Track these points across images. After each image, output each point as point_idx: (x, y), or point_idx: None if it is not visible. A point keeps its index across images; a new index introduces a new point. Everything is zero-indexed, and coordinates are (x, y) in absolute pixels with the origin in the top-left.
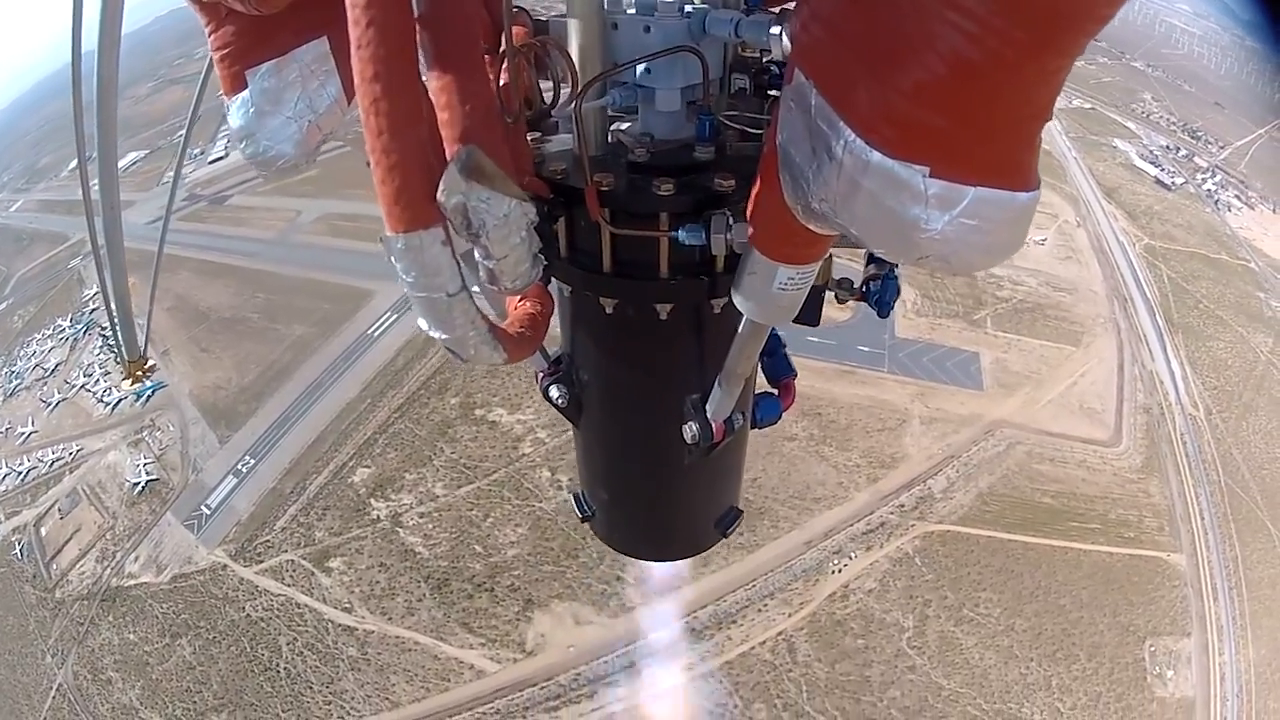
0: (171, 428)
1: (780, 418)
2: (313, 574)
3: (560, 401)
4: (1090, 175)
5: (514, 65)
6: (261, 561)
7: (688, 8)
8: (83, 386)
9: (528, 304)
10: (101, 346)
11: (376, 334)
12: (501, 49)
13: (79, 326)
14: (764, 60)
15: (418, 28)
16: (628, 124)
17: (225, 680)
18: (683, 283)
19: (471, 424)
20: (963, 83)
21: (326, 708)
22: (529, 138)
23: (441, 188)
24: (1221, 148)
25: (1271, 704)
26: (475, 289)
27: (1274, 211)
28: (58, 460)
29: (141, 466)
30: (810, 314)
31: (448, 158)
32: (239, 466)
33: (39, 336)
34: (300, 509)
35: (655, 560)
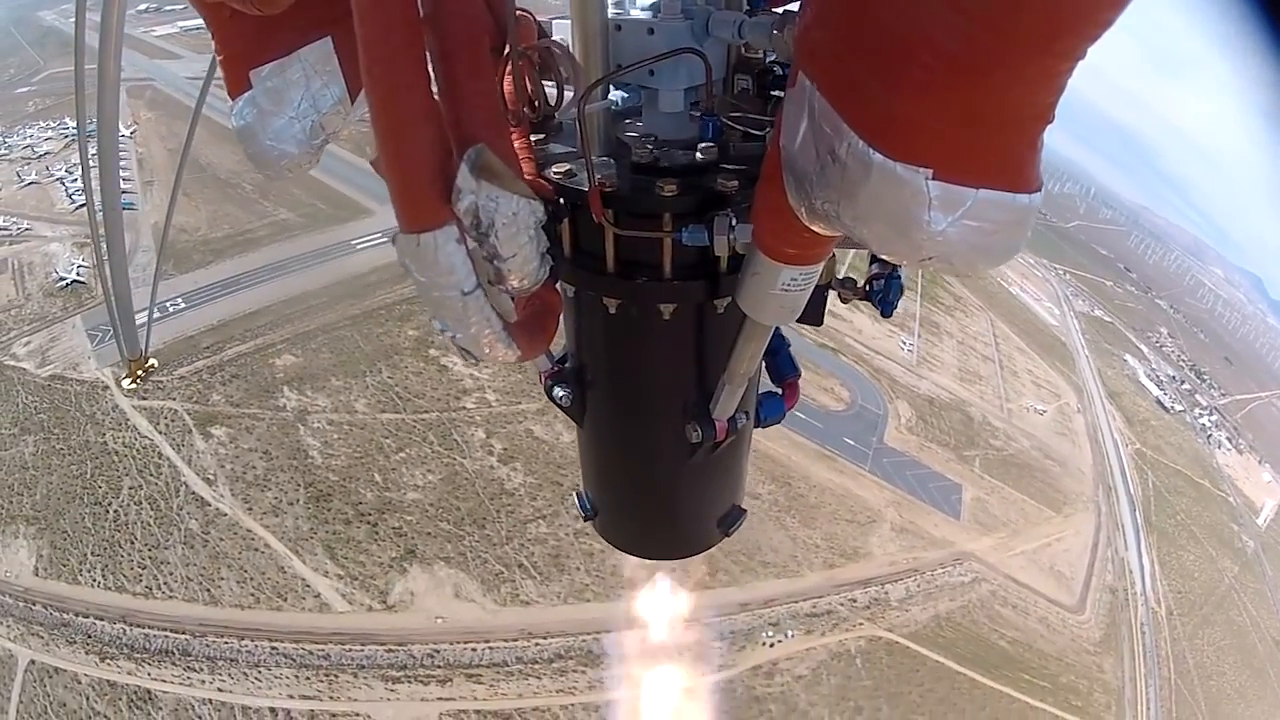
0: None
1: (784, 417)
2: (190, 432)
3: (564, 401)
4: (1098, 374)
5: (517, 67)
6: (145, 399)
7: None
8: (59, 179)
9: (538, 302)
10: (94, 155)
11: (359, 246)
12: (505, 51)
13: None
14: (767, 61)
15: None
16: (632, 125)
17: (51, 495)
18: (686, 283)
19: (421, 360)
20: (964, 85)
21: (139, 570)
22: (533, 139)
23: (455, 188)
24: (1223, 395)
25: None
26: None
27: (1259, 463)
28: (3, 229)
29: (76, 266)
30: (814, 313)
31: (455, 158)
32: (166, 304)
33: (42, 124)
34: (208, 366)
35: (658, 559)
